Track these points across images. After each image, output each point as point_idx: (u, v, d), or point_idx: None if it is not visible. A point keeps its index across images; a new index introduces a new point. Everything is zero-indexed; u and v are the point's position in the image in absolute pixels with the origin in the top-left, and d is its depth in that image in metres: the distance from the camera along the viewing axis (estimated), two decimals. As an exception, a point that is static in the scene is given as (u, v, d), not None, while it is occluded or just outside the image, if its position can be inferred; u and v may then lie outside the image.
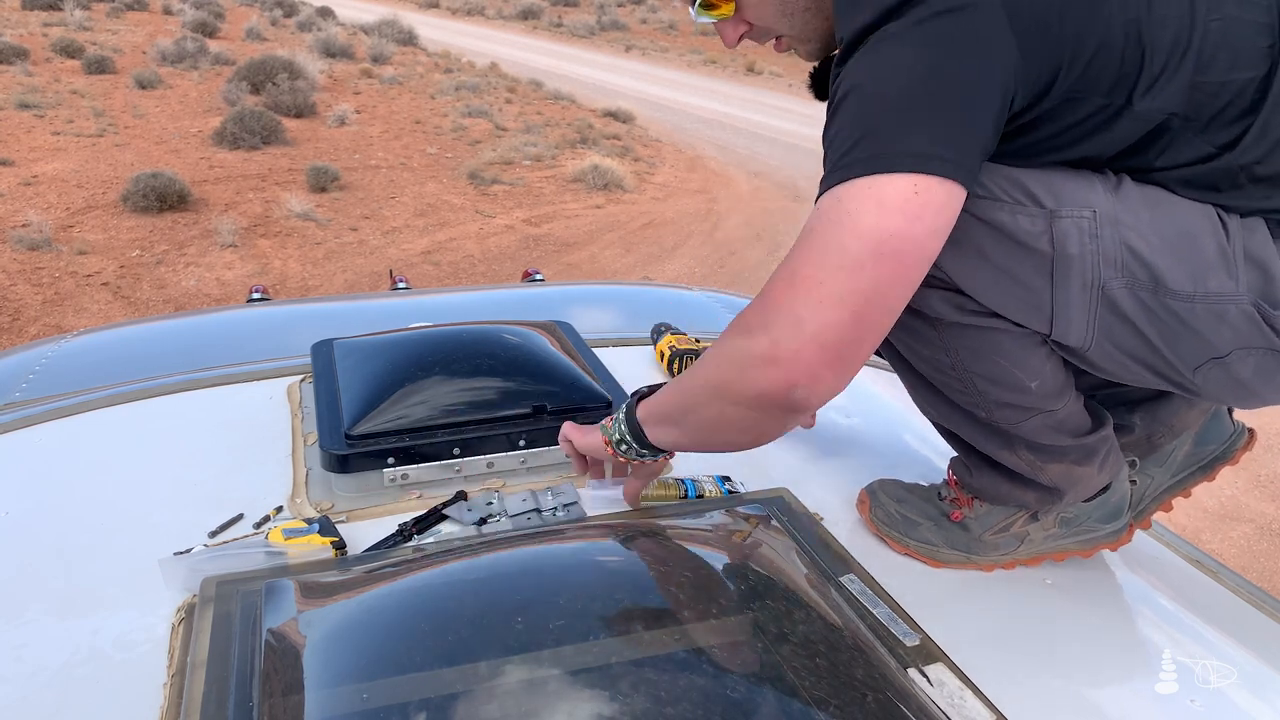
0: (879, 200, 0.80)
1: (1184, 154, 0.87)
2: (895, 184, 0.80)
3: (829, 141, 0.85)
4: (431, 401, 1.25)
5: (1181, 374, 0.92)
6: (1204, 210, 0.88)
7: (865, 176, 0.80)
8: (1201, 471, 1.16)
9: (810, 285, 0.81)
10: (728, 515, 1.13)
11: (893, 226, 0.80)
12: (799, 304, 0.81)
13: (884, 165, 0.80)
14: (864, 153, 0.81)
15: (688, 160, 9.15)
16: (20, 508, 1.15)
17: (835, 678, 0.80)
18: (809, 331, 0.81)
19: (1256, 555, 3.28)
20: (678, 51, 18.04)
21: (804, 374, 0.82)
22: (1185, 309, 0.87)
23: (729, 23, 1.02)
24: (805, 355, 0.81)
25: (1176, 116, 0.85)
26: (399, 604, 0.89)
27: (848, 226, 0.80)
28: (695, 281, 5.68)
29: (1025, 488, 1.08)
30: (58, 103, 9.05)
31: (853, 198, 0.81)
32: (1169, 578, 1.18)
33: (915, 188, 0.80)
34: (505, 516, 1.16)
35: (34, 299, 4.83)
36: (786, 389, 0.83)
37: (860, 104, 0.82)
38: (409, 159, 8.28)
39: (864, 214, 0.80)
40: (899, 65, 0.82)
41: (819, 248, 0.82)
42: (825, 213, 0.82)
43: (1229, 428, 1.17)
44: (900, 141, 0.80)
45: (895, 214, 0.80)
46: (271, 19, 17.21)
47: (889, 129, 0.81)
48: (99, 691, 0.86)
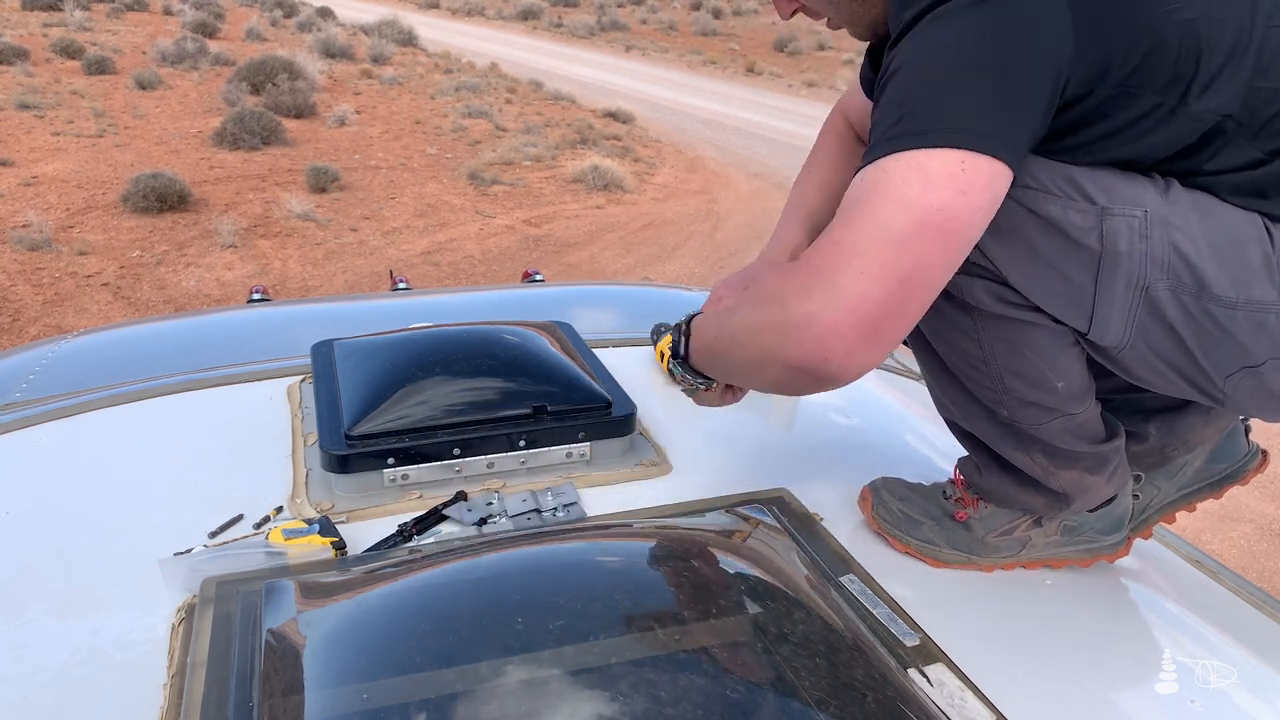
0: (925, 173, 0.79)
1: (1235, 158, 0.87)
2: (942, 158, 0.79)
3: (876, 116, 0.84)
4: (432, 402, 1.25)
5: (1212, 381, 0.91)
6: (1250, 218, 0.88)
7: (911, 150, 0.79)
8: (1210, 489, 1.16)
9: (851, 255, 0.79)
10: (728, 515, 1.13)
11: (938, 200, 0.79)
12: (841, 273, 0.79)
13: (931, 140, 0.79)
14: (911, 126, 0.80)
15: (688, 161, 9.15)
16: (20, 508, 1.15)
17: (835, 678, 0.80)
18: (847, 303, 0.79)
19: (1256, 555, 3.28)
20: (678, 52, 18.04)
21: (839, 348, 0.80)
22: (1226, 316, 0.86)
23: None
24: (842, 327, 0.80)
25: (1231, 119, 0.84)
26: (399, 605, 0.89)
27: (892, 198, 0.79)
28: (695, 282, 5.68)
29: (1035, 492, 1.08)
30: (58, 103, 9.06)
31: (898, 170, 0.80)
32: (1169, 578, 1.18)
33: (962, 163, 0.79)
34: (505, 517, 1.16)
35: (34, 299, 4.83)
36: (821, 361, 0.82)
37: (909, 79, 0.82)
38: (409, 159, 8.28)
39: (909, 186, 0.79)
40: (950, 43, 0.81)
41: (863, 218, 0.80)
42: (870, 183, 0.81)
43: (1243, 448, 1.16)
44: (948, 117, 0.80)
45: (941, 188, 0.79)
46: (271, 19, 17.22)
47: (937, 104, 0.80)
48: (99, 691, 0.86)
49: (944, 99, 0.81)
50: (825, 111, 0.91)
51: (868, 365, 0.82)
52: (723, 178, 8.56)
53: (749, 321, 0.90)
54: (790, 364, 0.84)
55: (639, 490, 1.23)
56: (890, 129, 0.81)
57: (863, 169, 0.83)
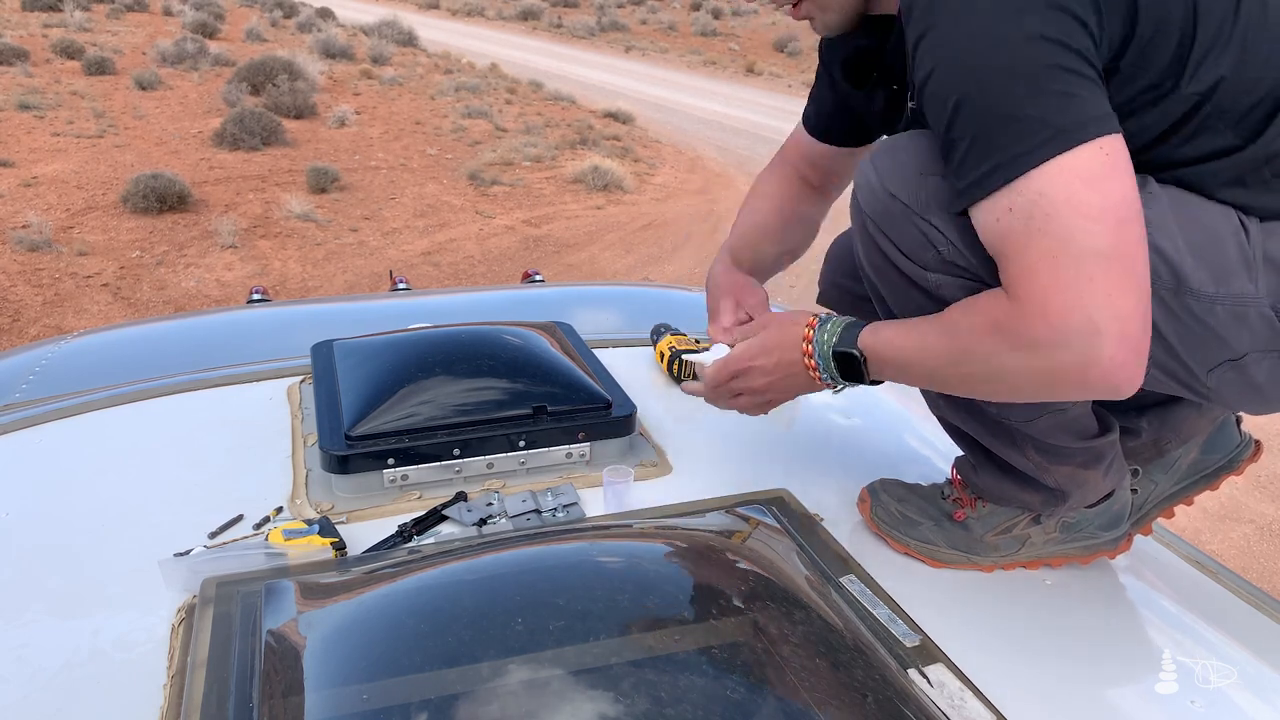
0: (1083, 177, 0.77)
1: (1214, 144, 0.87)
2: (1082, 155, 0.77)
3: (961, 136, 0.81)
4: (432, 402, 1.25)
5: (1195, 376, 0.92)
6: (1226, 212, 0.88)
7: (1046, 162, 0.78)
8: (1205, 480, 1.16)
9: (1083, 284, 0.78)
10: (728, 515, 1.13)
11: (1115, 193, 0.78)
12: (1090, 309, 0.78)
13: (1061, 144, 0.77)
14: (1033, 141, 0.78)
15: (688, 161, 9.14)
16: (20, 508, 1.15)
17: (835, 678, 0.80)
18: (1115, 334, 0.78)
19: (1256, 556, 3.28)
20: (678, 52, 18.04)
21: (1125, 376, 0.80)
22: (1206, 310, 0.87)
23: None
24: (1120, 358, 0.79)
25: (1212, 105, 0.84)
26: (399, 605, 0.89)
27: (1077, 213, 0.77)
28: (695, 282, 5.68)
29: (1030, 489, 1.08)
30: (58, 104, 9.05)
31: (1054, 187, 0.78)
32: (1169, 578, 1.18)
33: (1101, 148, 0.78)
34: (505, 517, 1.16)
35: (34, 300, 4.83)
36: (1112, 391, 0.82)
37: (991, 94, 0.79)
38: (409, 160, 8.28)
39: (1079, 195, 0.77)
40: (1002, 36, 0.79)
41: (1062, 246, 0.78)
42: (1035, 210, 0.79)
43: (1236, 438, 1.17)
44: (1057, 118, 0.78)
45: (1106, 181, 0.78)
46: (271, 20, 17.21)
47: (1039, 110, 0.78)
48: (99, 692, 0.86)
49: (1044, 102, 0.78)
50: None
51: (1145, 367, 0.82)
52: (723, 178, 8.55)
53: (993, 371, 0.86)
54: (1072, 398, 0.85)
55: (639, 490, 1.23)
56: (1008, 148, 0.79)
57: (995, 195, 0.80)
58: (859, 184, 0.98)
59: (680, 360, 1.56)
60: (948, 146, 0.84)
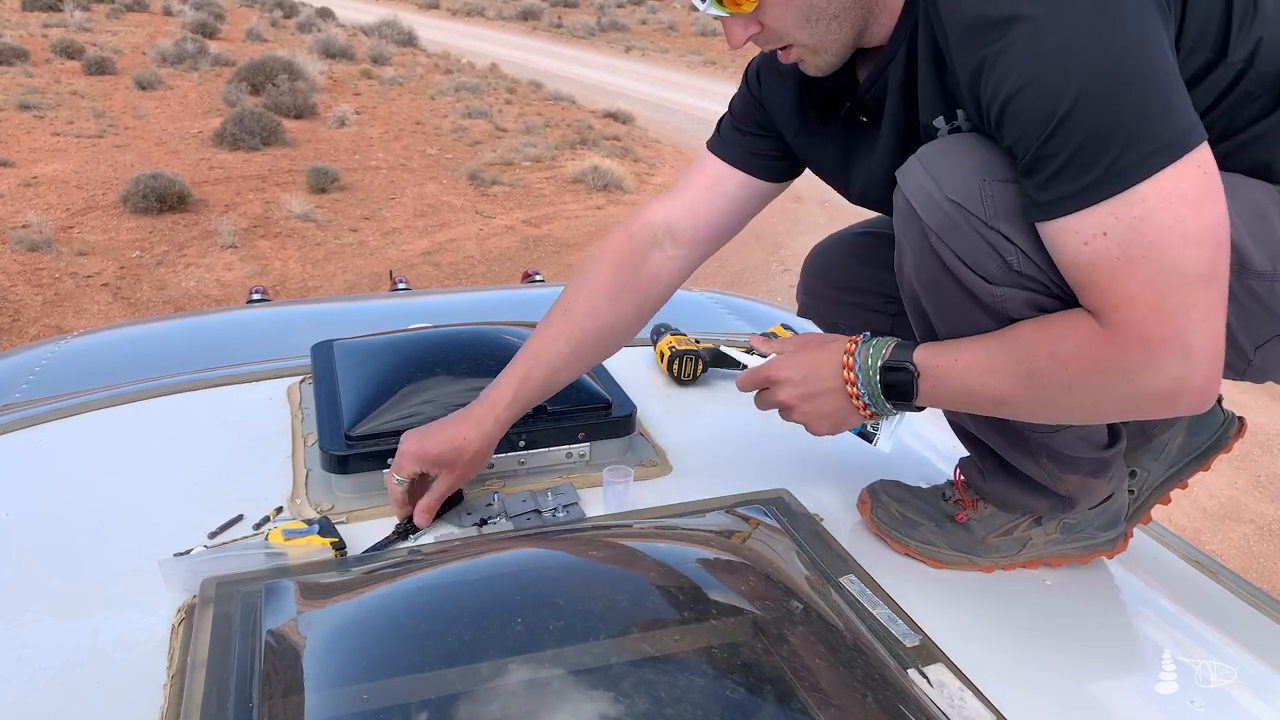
0: (1183, 197, 0.75)
1: (1249, 110, 0.86)
2: (1183, 173, 0.75)
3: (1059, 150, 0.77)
4: (432, 402, 1.25)
5: (1242, 353, 0.92)
6: (1267, 189, 0.88)
7: (1151, 178, 0.75)
8: (1196, 462, 1.16)
9: (1184, 311, 0.77)
10: (728, 515, 1.13)
11: (1212, 214, 0.77)
12: (1188, 334, 0.77)
13: (1162, 160, 0.75)
14: (1135, 154, 0.75)
15: (688, 161, 9.12)
16: (20, 508, 1.15)
17: (835, 678, 0.80)
18: (1206, 357, 0.78)
19: (1256, 556, 3.28)
20: (678, 52, 18.04)
21: (1211, 392, 0.80)
22: (1265, 289, 0.87)
23: (740, 20, 0.92)
24: (1213, 372, 0.79)
25: (1252, 69, 0.84)
26: (399, 605, 0.89)
27: (1179, 236, 0.76)
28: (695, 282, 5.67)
29: (1039, 496, 1.08)
30: (58, 103, 9.05)
31: (1160, 210, 0.75)
32: (1169, 578, 1.18)
33: (1198, 164, 0.76)
34: (505, 517, 1.16)
35: (34, 300, 4.83)
36: (1196, 408, 0.81)
37: (1098, 103, 0.75)
38: (409, 160, 8.28)
39: (1181, 216, 0.75)
40: (1107, 42, 0.75)
41: (1164, 274, 0.76)
42: (1138, 235, 0.76)
43: (1220, 416, 1.17)
44: (1160, 130, 0.75)
45: (1206, 201, 0.76)
46: (271, 20, 17.21)
47: (1145, 121, 0.75)
48: (99, 692, 0.86)
49: (1141, 114, 0.75)
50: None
51: None
52: (723, 178, 8.54)
53: (1076, 396, 0.84)
54: (1156, 416, 0.85)
55: (639, 490, 1.23)
56: (1111, 164, 0.75)
57: (1088, 212, 0.77)
58: (913, 192, 0.90)
59: (680, 360, 1.56)
60: (1038, 161, 0.79)
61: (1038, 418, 0.92)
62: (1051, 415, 0.90)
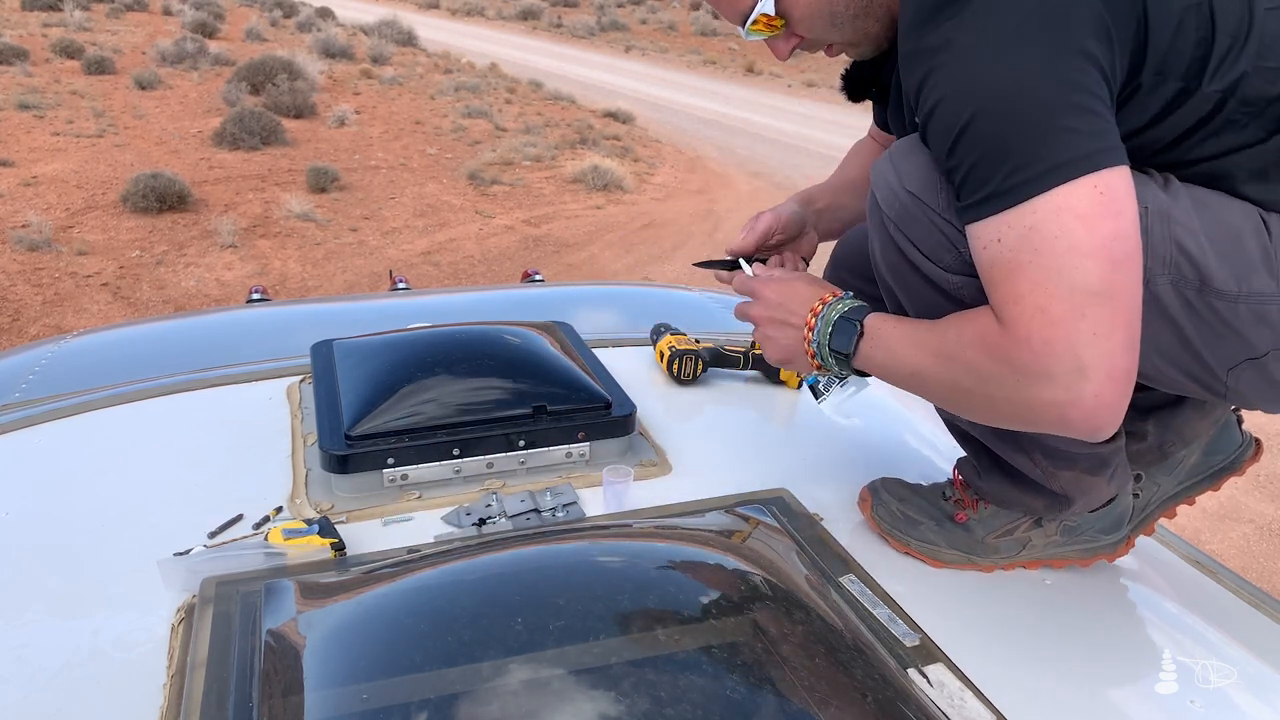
0: (1075, 213, 0.78)
1: (1236, 138, 0.87)
2: (1075, 191, 0.78)
3: (960, 162, 0.83)
4: (431, 402, 1.25)
5: (1215, 374, 0.92)
6: (1247, 210, 0.88)
7: (1041, 195, 0.78)
8: (1207, 481, 1.16)
9: (1072, 320, 0.78)
10: (728, 515, 1.13)
11: (1106, 230, 0.78)
12: (1077, 345, 0.78)
13: (1055, 178, 0.78)
14: (1028, 173, 0.79)
15: (687, 161, 9.14)
16: (20, 508, 1.15)
17: (835, 678, 0.80)
18: (1100, 375, 0.79)
19: (1256, 555, 3.28)
20: (678, 52, 18.04)
21: (1106, 415, 0.81)
22: (1228, 309, 0.87)
23: (780, 38, 1.04)
24: (1105, 395, 0.79)
25: (1236, 100, 0.85)
26: (398, 605, 0.89)
27: (1065, 245, 0.78)
28: (695, 282, 5.67)
29: (1035, 494, 1.08)
30: (57, 103, 9.05)
31: (1047, 221, 0.78)
32: (1169, 578, 1.18)
33: (1095, 185, 0.78)
34: (504, 517, 1.16)
35: (34, 299, 4.83)
36: (1092, 431, 0.82)
37: (992, 122, 0.80)
38: (409, 159, 8.27)
39: (1069, 228, 0.78)
40: (1008, 71, 0.79)
41: (1051, 279, 0.78)
42: (1026, 242, 0.79)
43: (1237, 439, 1.17)
44: (1056, 151, 0.78)
45: (1100, 219, 0.78)
46: (271, 19, 17.21)
47: (1038, 142, 0.78)
48: (99, 691, 0.86)
49: (1040, 135, 0.79)
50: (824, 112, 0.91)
51: (1126, 408, 0.82)
52: (722, 178, 8.55)
53: (973, 383, 0.87)
54: (1049, 432, 0.85)
55: (639, 490, 1.23)
56: (1006, 179, 0.79)
57: (987, 221, 0.81)
58: (876, 183, 0.97)
59: (680, 360, 1.56)
60: (949, 172, 0.86)
61: (946, 402, 0.95)
62: (960, 404, 0.92)
